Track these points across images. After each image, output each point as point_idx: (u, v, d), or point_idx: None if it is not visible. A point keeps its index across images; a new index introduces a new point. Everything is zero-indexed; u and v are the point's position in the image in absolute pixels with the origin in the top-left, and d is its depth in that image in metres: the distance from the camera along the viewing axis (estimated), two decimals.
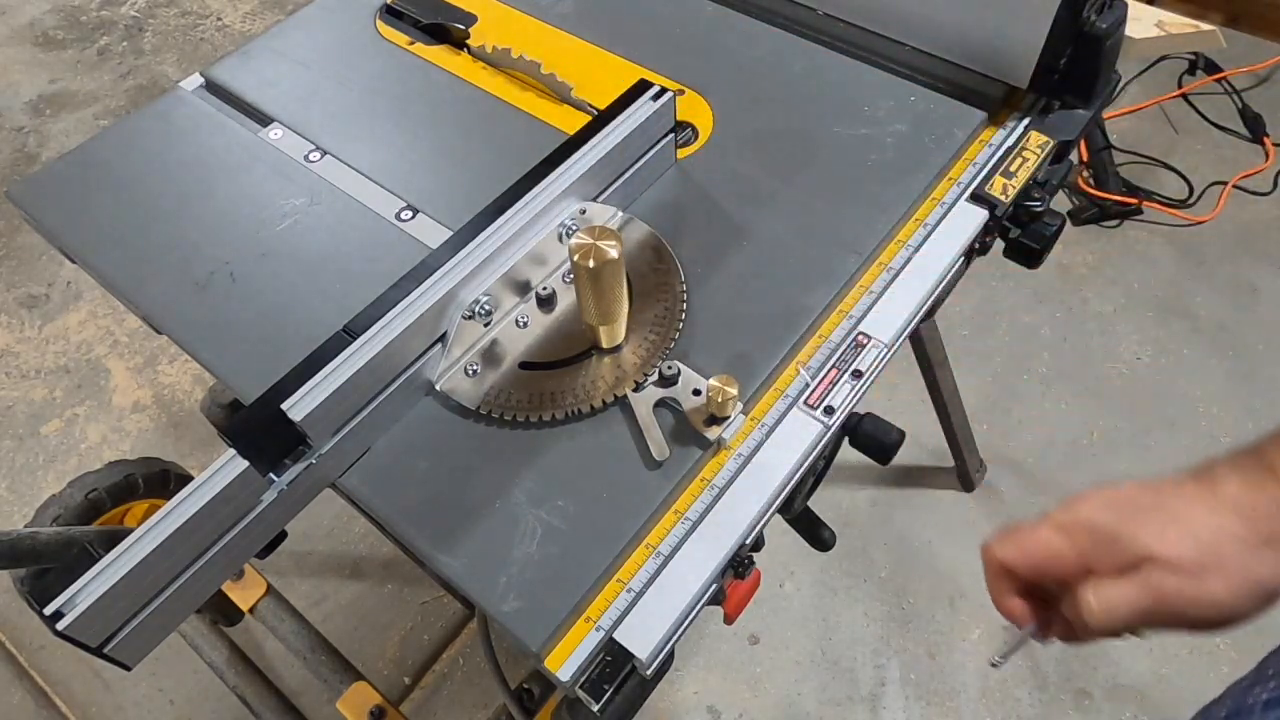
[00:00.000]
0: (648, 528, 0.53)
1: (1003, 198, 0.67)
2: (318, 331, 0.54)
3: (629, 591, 0.51)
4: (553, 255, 0.62)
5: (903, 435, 0.61)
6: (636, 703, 0.55)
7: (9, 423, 1.55)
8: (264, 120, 0.76)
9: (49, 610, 0.45)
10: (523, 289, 0.61)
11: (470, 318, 0.57)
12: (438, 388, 0.58)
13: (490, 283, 0.57)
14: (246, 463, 0.49)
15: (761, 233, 0.65)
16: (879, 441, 0.60)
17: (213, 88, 0.80)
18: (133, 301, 0.66)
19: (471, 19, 0.82)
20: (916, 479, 1.43)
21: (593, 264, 0.51)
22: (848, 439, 0.61)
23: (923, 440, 1.43)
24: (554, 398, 0.57)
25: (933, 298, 0.64)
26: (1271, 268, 1.63)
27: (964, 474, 1.38)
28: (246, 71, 0.79)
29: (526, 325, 0.60)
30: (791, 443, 0.56)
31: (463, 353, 0.59)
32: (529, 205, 0.58)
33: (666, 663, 0.52)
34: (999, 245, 0.71)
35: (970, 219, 0.66)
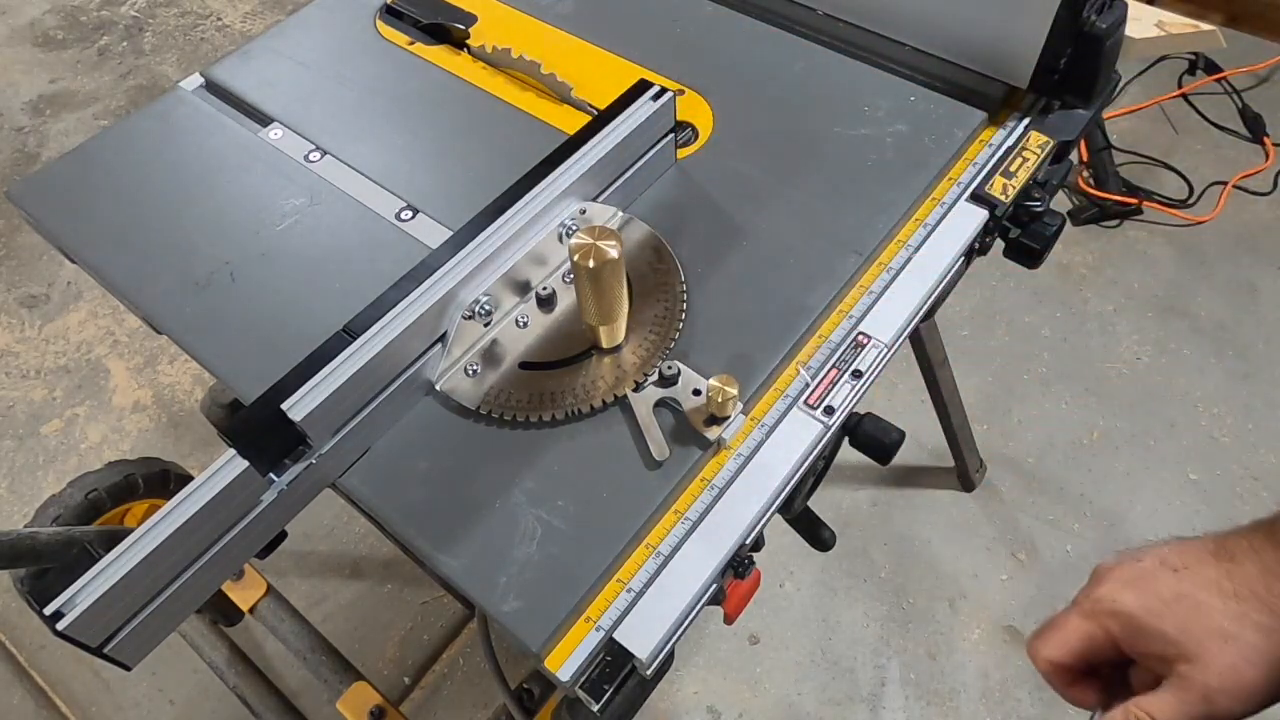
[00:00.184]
0: (648, 528, 0.53)
1: (1003, 198, 0.67)
2: (318, 331, 0.54)
3: (629, 591, 0.51)
4: (553, 255, 0.62)
5: (903, 435, 0.61)
6: (636, 703, 0.55)
7: (9, 423, 1.55)
8: (264, 120, 0.76)
9: (49, 610, 0.45)
10: (523, 289, 0.61)
11: (470, 318, 0.57)
12: (438, 388, 0.58)
13: (490, 283, 0.57)
14: (246, 463, 0.49)
15: (761, 233, 0.65)
16: (879, 441, 0.60)
17: (213, 88, 0.80)
18: (133, 301, 0.66)
19: (471, 19, 0.82)
20: (916, 479, 1.43)
21: (593, 264, 0.51)
22: (848, 439, 0.61)
23: (923, 440, 1.43)
24: (554, 398, 0.57)
25: (933, 298, 0.64)
26: (1271, 268, 1.63)
27: (964, 474, 1.38)
28: (246, 71, 0.79)
29: (526, 325, 0.60)
30: (791, 443, 0.56)
31: (463, 353, 0.59)
32: (529, 205, 0.58)
33: (666, 663, 0.52)
34: (999, 245, 0.71)
35: (970, 219, 0.66)
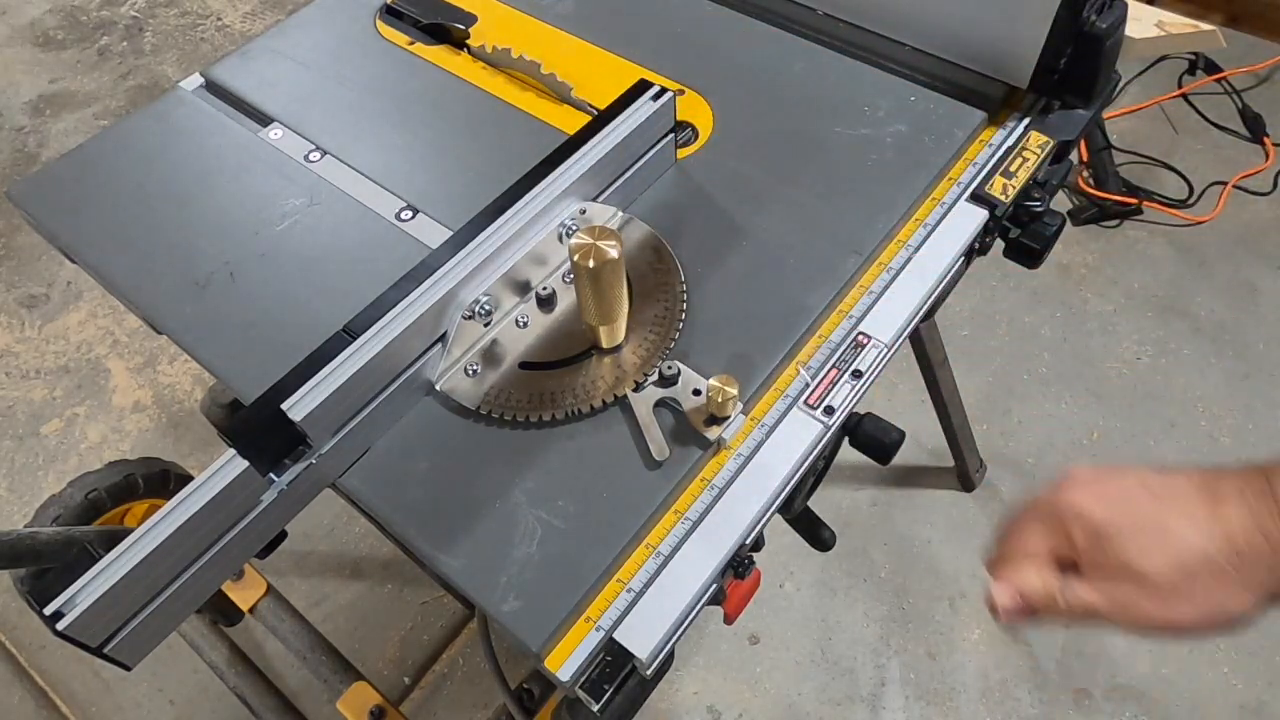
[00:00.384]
0: (648, 528, 0.53)
1: (1003, 198, 0.67)
2: (318, 331, 0.54)
3: (629, 591, 0.51)
4: (553, 255, 0.62)
5: (903, 435, 0.61)
6: (636, 703, 0.55)
7: (9, 423, 1.55)
8: (264, 120, 0.76)
9: (49, 610, 0.45)
10: (523, 289, 0.61)
11: (470, 318, 0.57)
12: (438, 388, 0.58)
13: (490, 283, 0.57)
14: (246, 463, 0.49)
15: (761, 233, 0.65)
16: (879, 441, 0.60)
17: (213, 88, 0.80)
18: (133, 301, 0.66)
19: (471, 19, 0.82)
20: (916, 479, 1.43)
21: (593, 264, 0.51)
22: (848, 439, 0.61)
23: (923, 440, 1.43)
24: (554, 398, 0.57)
25: (933, 298, 0.64)
26: (1271, 268, 1.63)
27: (964, 474, 1.38)
28: (246, 71, 0.79)
29: (526, 325, 0.60)
30: (791, 443, 0.56)
31: (463, 353, 0.59)
32: (529, 205, 0.58)
33: (666, 663, 0.52)
34: (999, 245, 0.71)
35: (970, 219, 0.66)
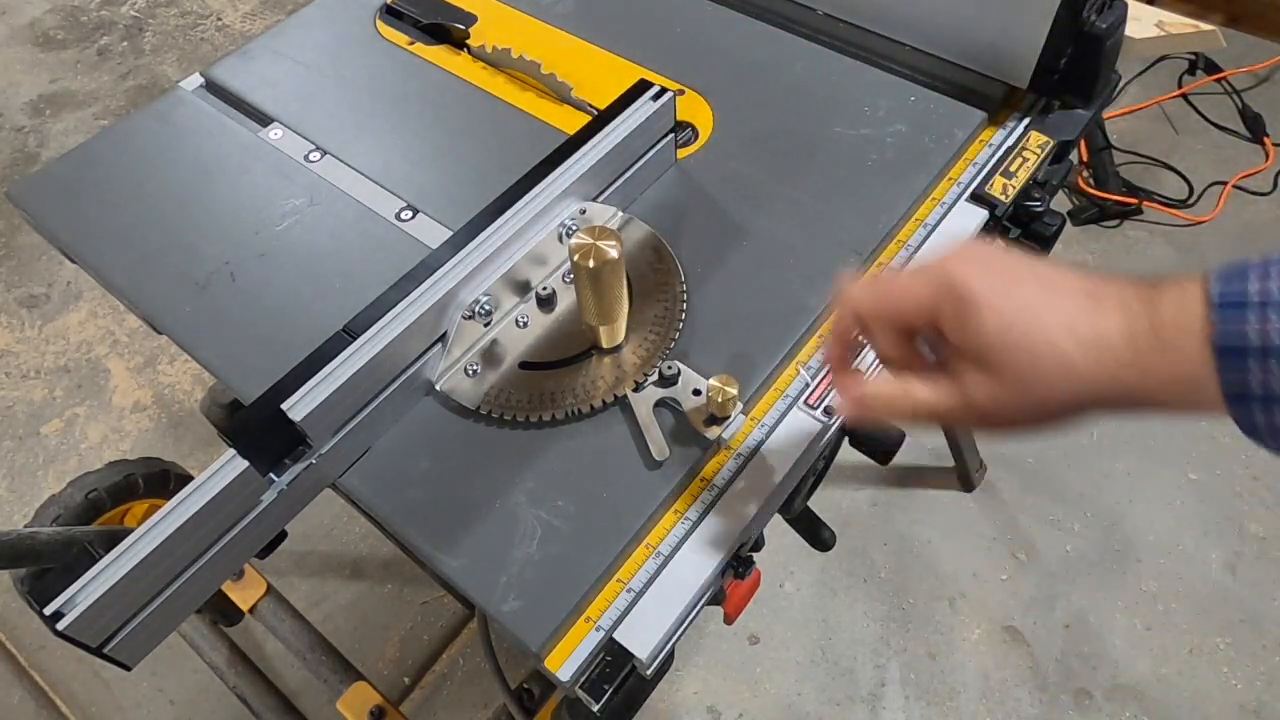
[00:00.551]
0: (648, 528, 0.53)
1: (1003, 198, 0.67)
2: (318, 331, 0.54)
3: (629, 591, 0.51)
4: (553, 255, 0.62)
5: (903, 435, 0.61)
6: (636, 703, 0.55)
7: (9, 423, 1.55)
8: (264, 120, 0.76)
9: (49, 610, 0.45)
10: (523, 289, 0.61)
11: (470, 318, 0.57)
12: (438, 388, 0.58)
13: (490, 283, 0.57)
14: (246, 463, 0.49)
15: (761, 233, 0.65)
16: (879, 441, 0.60)
17: (213, 88, 0.80)
18: (133, 301, 0.66)
19: (471, 19, 0.82)
20: (916, 479, 1.43)
21: (593, 264, 0.51)
22: (848, 439, 0.61)
23: (923, 440, 1.43)
24: (554, 398, 0.57)
25: None
26: None
27: (964, 474, 1.38)
28: (246, 71, 0.79)
29: (526, 325, 0.60)
30: (791, 443, 0.56)
31: (463, 353, 0.59)
32: (529, 205, 0.58)
33: (666, 663, 0.52)
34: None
35: (970, 219, 0.66)
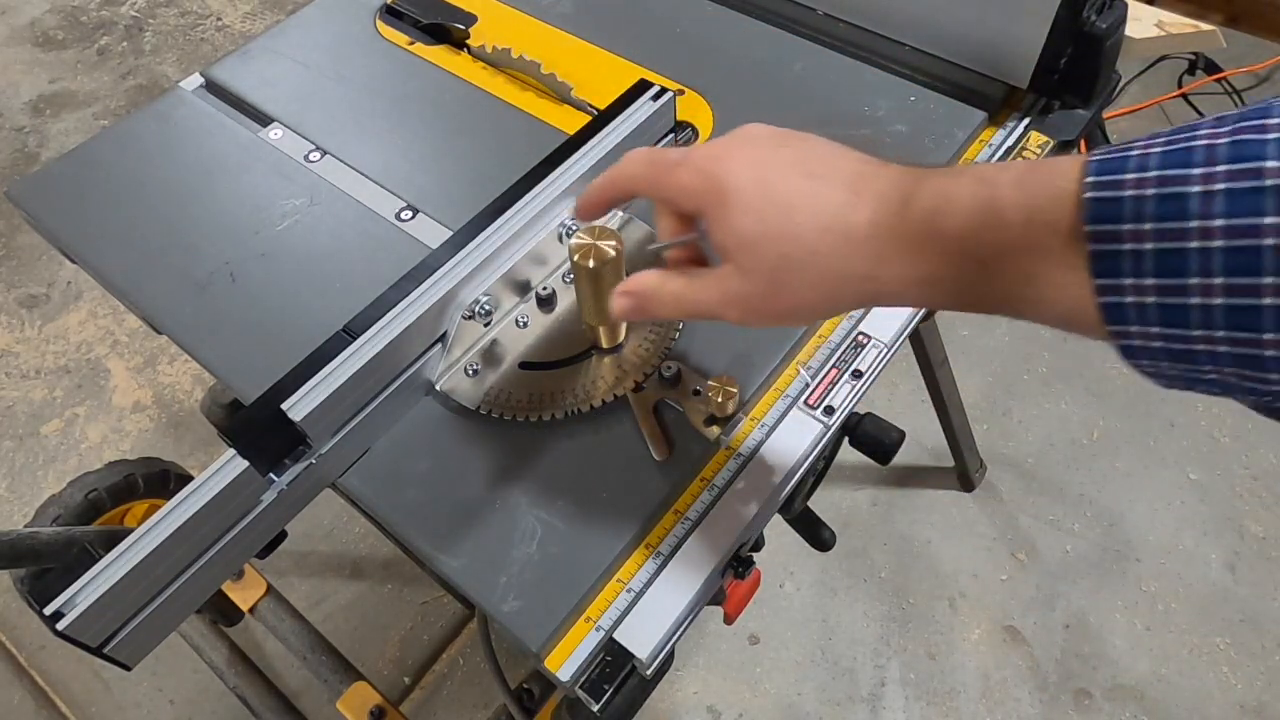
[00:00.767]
0: (648, 528, 0.53)
1: None
2: (318, 331, 0.53)
3: (629, 591, 0.51)
4: (553, 255, 0.62)
5: (903, 435, 0.61)
6: (636, 703, 0.55)
7: (9, 423, 1.55)
8: (264, 120, 0.76)
9: (49, 610, 0.45)
10: (523, 289, 0.61)
11: (470, 318, 0.57)
12: (438, 388, 0.58)
13: (490, 283, 0.57)
14: (246, 463, 0.49)
15: None
16: (879, 441, 0.60)
17: (213, 88, 0.80)
18: (133, 301, 0.66)
19: (471, 19, 0.82)
20: (916, 479, 1.43)
21: (593, 264, 0.50)
22: (848, 439, 0.61)
23: (923, 440, 1.43)
24: (554, 398, 0.57)
25: None
26: None
27: (964, 474, 1.38)
28: (246, 71, 0.79)
29: (526, 325, 0.60)
30: (791, 443, 0.56)
31: (463, 353, 0.59)
32: (529, 205, 0.58)
33: (666, 663, 0.52)
34: None
35: None
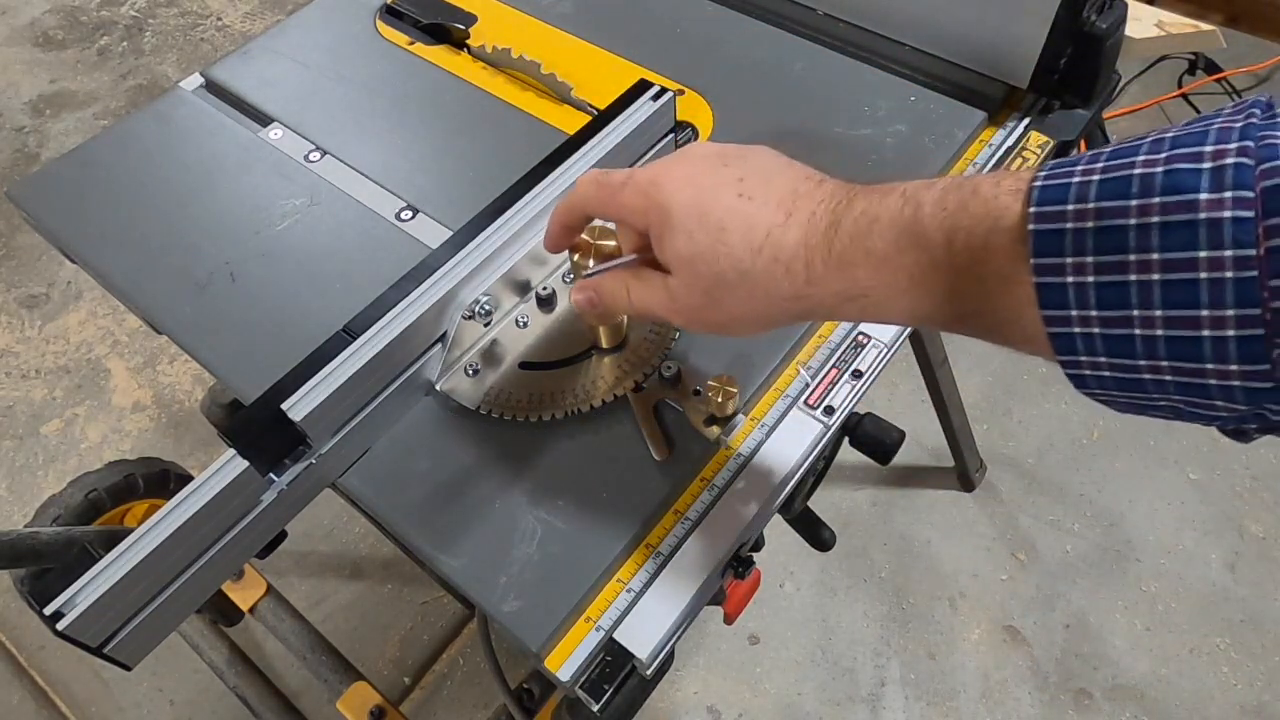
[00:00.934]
0: (648, 528, 0.53)
1: None
2: (318, 331, 0.53)
3: (629, 591, 0.51)
4: (553, 255, 0.62)
5: (903, 435, 0.61)
6: (636, 703, 0.55)
7: (9, 423, 1.55)
8: (264, 120, 0.76)
9: (49, 610, 0.45)
10: (523, 289, 0.61)
11: (470, 318, 0.57)
12: (438, 388, 0.58)
13: (490, 283, 0.57)
14: (246, 463, 0.49)
15: None
16: (879, 441, 0.60)
17: (213, 88, 0.80)
18: (133, 301, 0.66)
19: (471, 19, 0.82)
20: (916, 479, 1.43)
21: (593, 264, 0.51)
22: (848, 439, 0.61)
23: (923, 440, 1.43)
24: (554, 398, 0.57)
25: None
26: None
27: (964, 474, 1.38)
28: (246, 71, 0.79)
29: (526, 325, 0.60)
30: (791, 443, 0.56)
31: (463, 353, 0.59)
32: (529, 205, 0.58)
33: (666, 663, 0.52)
34: None
35: None
